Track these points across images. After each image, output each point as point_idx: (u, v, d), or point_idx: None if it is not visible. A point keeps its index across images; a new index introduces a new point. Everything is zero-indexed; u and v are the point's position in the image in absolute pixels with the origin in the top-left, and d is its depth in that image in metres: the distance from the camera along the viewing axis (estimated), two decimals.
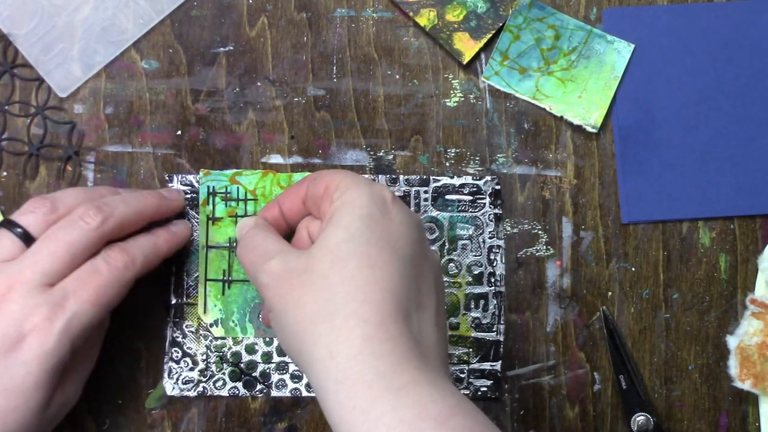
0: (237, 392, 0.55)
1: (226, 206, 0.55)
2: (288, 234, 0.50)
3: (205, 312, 0.54)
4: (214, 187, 0.55)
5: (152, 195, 0.52)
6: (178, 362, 0.54)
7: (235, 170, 0.55)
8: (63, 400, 0.47)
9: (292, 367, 0.55)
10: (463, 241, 0.55)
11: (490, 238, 0.56)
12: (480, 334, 0.55)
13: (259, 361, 0.55)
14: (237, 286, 0.55)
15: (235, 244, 0.54)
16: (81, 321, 0.45)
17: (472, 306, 0.55)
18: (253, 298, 0.54)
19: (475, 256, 0.55)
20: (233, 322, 0.54)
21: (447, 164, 0.56)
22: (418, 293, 0.42)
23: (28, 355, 0.44)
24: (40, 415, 0.45)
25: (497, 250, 0.56)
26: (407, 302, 0.41)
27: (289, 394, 0.55)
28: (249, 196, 0.55)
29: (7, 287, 0.45)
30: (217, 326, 0.54)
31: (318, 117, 0.56)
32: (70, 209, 0.48)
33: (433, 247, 0.55)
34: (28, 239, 0.47)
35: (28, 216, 0.47)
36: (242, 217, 0.54)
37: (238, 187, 0.55)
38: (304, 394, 0.55)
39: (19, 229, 0.47)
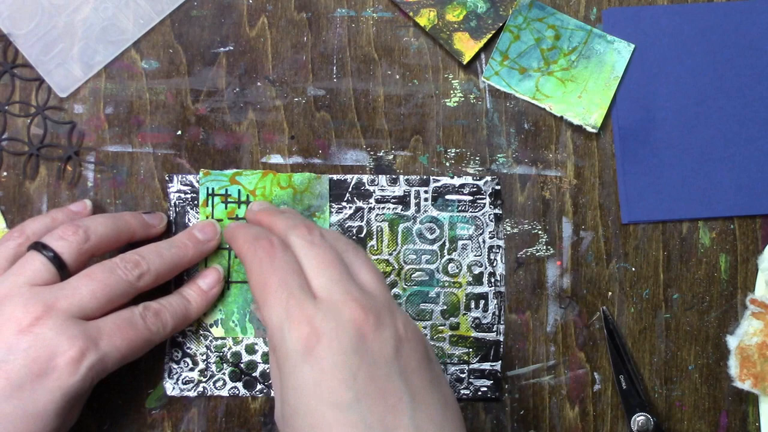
0: (237, 392, 0.55)
1: (225, 207, 0.55)
2: None
3: (204, 313, 0.54)
4: (213, 188, 0.55)
5: (190, 245, 0.52)
6: (178, 362, 0.54)
7: (235, 170, 0.55)
8: (69, 425, 0.48)
9: None
10: (463, 241, 0.55)
11: (490, 238, 0.56)
12: (480, 334, 0.55)
13: (259, 361, 0.55)
14: (237, 287, 0.54)
15: None
16: (107, 363, 0.46)
17: (473, 306, 0.55)
18: (252, 298, 0.54)
19: (476, 256, 0.55)
20: (233, 322, 0.54)
21: (447, 164, 0.56)
22: (381, 421, 0.38)
23: (56, 383, 0.44)
24: None
25: (497, 250, 0.56)
26: None
27: None
28: (251, 198, 0.55)
29: (43, 311, 0.45)
30: (217, 326, 0.54)
31: (318, 117, 0.56)
32: (101, 239, 0.49)
33: (433, 247, 0.55)
34: (60, 265, 0.47)
35: (60, 242, 0.48)
36: (242, 219, 0.54)
37: (239, 189, 0.55)
38: None
39: (50, 253, 0.47)
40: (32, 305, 0.45)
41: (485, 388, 0.55)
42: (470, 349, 0.55)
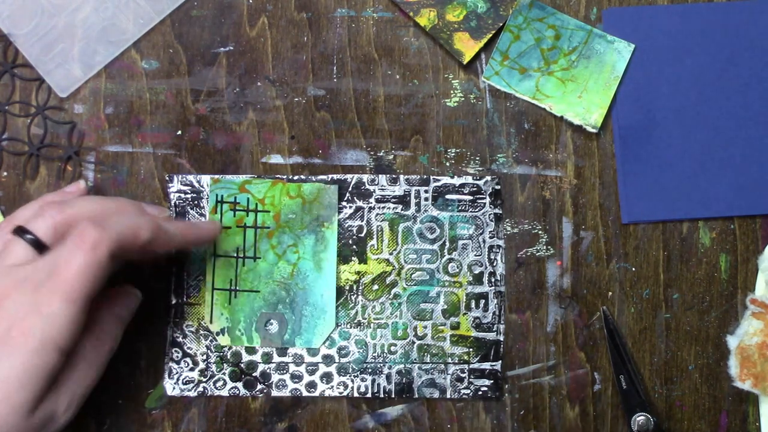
0: (237, 392, 0.55)
1: (234, 215, 0.54)
2: None
3: (211, 321, 0.54)
4: (222, 195, 0.54)
5: (191, 228, 0.51)
6: (178, 362, 0.54)
7: (244, 178, 0.55)
8: (51, 409, 0.46)
9: (292, 367, 0.55)
10: (464, 241, 0.56)
11: (490, 237, 0.56)
12: (480, 334, 0.55)
13: (259, 361, 0.55)
14: (243, 296, 0.54)
15: (241, 254, 0.54)
16: (59, 322, 0.44)
17: (473, 305, 0.55)
18: (260, 307, 0.54)
19: (476, 255, 0.55)
20: (240, 330, 0.54)
21: (447, 164, 0.56)
22: None
23: (14, 350, 0.43)
24: (22, 416, 0.44)
25: (497, 250, 0.56)
26: None
27: (289, 394, 0.55)
28: (260, 207, 0.54)
29: (12, 287, 0.45)
30: (223, 335, 0.54)
31: (318, 117, 0.56)
32: (80, 213, 0.48)
33: (433, 246, 0.55)
34: (39, 246, 0.47)
35: (37, 221, 0.47)
36: (250, 227, 0.54)
37: (248, 197, 0.54)
38: (304, 394, 0.55)
39: (30, 236, 0.47)
40: (2, 281, 0.45)
41: (485, 388, 0.55)
42: (470, 349, 0.55)
